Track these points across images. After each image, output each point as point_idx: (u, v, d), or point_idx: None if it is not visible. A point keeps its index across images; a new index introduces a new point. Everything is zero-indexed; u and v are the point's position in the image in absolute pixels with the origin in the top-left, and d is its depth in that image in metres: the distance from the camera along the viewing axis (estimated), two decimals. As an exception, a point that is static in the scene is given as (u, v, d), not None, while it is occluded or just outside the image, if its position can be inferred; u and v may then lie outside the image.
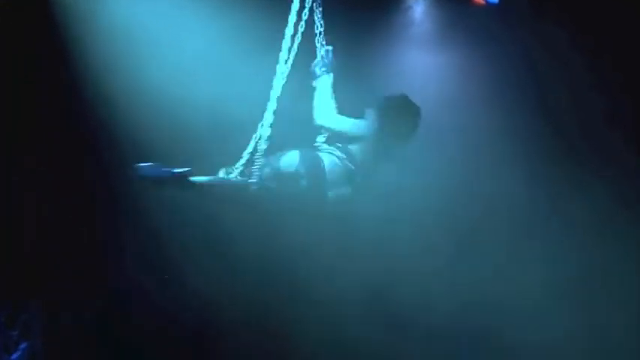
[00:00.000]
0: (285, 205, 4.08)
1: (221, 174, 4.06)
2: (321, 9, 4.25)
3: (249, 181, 3.93)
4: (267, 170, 3.99)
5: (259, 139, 3.95)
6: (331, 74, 4.26)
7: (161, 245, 5.72)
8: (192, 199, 4.39)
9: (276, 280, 5.69)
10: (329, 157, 4.09)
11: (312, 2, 4.18)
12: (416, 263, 5.65)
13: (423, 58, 5.78)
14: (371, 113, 4.13)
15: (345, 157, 4.10)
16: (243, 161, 4.02)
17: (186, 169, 3.80)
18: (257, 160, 3.94)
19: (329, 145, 4.18)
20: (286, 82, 4.00)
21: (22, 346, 5.39)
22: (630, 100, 5.64)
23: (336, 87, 4.22)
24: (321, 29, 4.27)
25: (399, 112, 4.09)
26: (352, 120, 4.16)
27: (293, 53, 4.06)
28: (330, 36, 4.29)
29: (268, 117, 3.95)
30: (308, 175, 4.01)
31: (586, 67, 5.59)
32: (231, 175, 4.02)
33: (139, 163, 3.77)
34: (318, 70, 4.26)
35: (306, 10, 4.13)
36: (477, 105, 5.74)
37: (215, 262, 5.71)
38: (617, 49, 5.57)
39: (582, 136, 5.71)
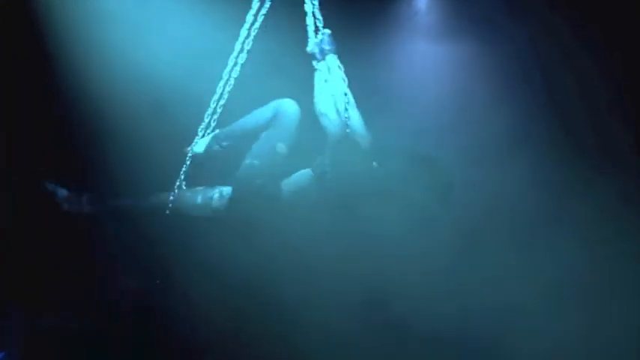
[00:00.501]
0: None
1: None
2: None
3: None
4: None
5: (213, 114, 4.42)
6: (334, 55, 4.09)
7: (153, 250, 5.46)
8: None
9: (270, 283, 5.42)
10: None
11: None
12: (417, 264, 5.47)
13: (427, 49, 5.72)
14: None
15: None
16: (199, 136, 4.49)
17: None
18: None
19: None
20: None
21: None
22: (637, 96, 5.58)
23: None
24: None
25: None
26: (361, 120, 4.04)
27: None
28: (330, 26, 4.18)
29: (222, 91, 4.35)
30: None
31: (593, 60, 5.52)
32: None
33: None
34: (317, 51, 4.10)
35: None
36: (481, 97, 5.68)
37: (206, 267, 5.42)
38: (625, 41, 5.50)
39: (588, 133, 5.63)
